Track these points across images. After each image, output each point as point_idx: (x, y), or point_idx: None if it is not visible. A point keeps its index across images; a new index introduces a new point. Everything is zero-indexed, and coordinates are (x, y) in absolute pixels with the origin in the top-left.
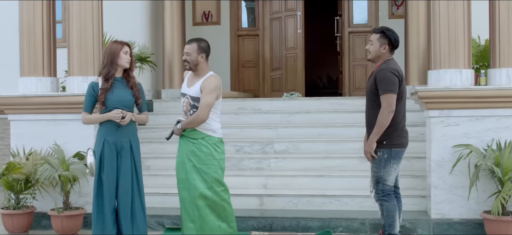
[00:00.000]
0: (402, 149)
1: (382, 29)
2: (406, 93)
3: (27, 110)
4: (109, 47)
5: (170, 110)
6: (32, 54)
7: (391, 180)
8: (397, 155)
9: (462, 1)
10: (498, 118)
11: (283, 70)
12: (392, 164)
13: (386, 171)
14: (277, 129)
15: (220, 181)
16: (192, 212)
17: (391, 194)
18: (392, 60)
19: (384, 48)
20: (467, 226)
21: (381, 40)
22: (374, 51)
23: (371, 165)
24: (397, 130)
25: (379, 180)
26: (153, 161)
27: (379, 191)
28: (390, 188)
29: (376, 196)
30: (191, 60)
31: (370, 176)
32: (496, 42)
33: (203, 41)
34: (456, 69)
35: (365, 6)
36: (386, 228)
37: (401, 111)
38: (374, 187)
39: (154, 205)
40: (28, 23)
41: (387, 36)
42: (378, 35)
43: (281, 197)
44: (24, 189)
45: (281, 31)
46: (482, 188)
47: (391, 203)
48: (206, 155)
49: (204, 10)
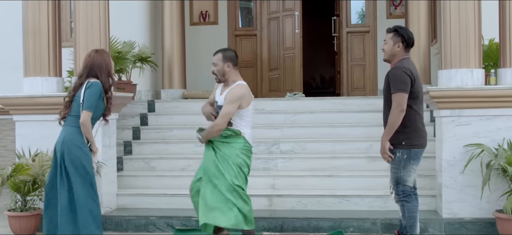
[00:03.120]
0: (421, 149)
1: (395, 27)
2: (423, 92)
3: (33, 111)
4: (103, 59)
5: (173, 111)
6: (38, 53)
7: (411, 181)
8: (416, 156)
9: (473, 0)
10: (509, 118)
11: (281, 70)
12: (411, 165)
13: (405, 172)
14: (282, 129)
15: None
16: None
17: (412, 194)
18: (406, 59)
19: (398, 46)
20: (478, 226)
21: (394, 39)
22: (389, 50)
23: (391, 166)
24: (416, 130)
25: (399, 181)
26: (158, 162)
27: (399, 192)
28: (410, 188)
29: (396, 197)
30: (218, 71)
31: (390, 177)
32: (507, 42)
33: (228, 51)
34: (467, 69)
35: (363, 6)
36: (408, 229)
37: (418, 111)
38: (394, 188)
39: (162, 206)
40: (33, 22)
41: (400, 34)
42: (391, 34)
43: (290, 198)
44: (32, 191)
45: (279, 31)
46: (493, 187)
47: (412, 204)
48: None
49: (201, 10)
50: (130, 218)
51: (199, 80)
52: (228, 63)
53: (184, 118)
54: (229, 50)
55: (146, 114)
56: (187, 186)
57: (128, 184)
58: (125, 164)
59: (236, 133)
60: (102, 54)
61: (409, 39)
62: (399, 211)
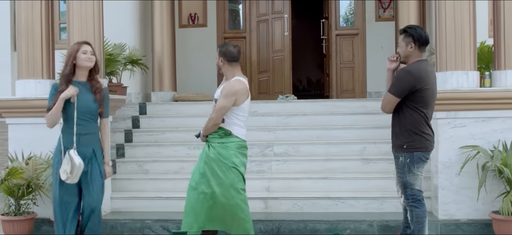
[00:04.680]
0: (425, 152)
1: (405, 28)
2: (434, 97)
3: (26, 114)
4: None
5: (165, 113)
6: (31, 56)
7: (418, 184)
8: (420, 159)
9: (468, 1)
10: (504, 119)
11: (270, 73)
12: (416, 168)
13: (411, 176)
14: (275, 131)
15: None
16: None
17: (421, 199)
18: (421, 62)
19: (411, 46)
20: (474, 227)
21: (406, 40)
22: (402, 52)
23: (396, 171)
24: (419, 134)
25: (407, 185)
26: (151, 165)
27: (408, 197)
28: (419, 192)
29: (406, 202)
30: (217, 65)
31: (396, 181)
32: (501, 44)
33: (224, 45)
34: (463, 71)
35: (352, 8)
36: (415, 233)
37: (425, 115)
38: (402, 193)
39: (157, 210)
40: (26, 24)
41: (410, 34)
42: (402, 35)
43: (285, 200)
44: (26, 195)
45: (268, 34)
46: (489, 188)
47: (421, 210)
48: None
49: (190, 12)
50: (125, 222)
51: (189, 83)
52: (221, 57)
53: (176, 120)
54: (225, 45)
55: (137, 116)
56: (181, 189)
57: (121, 187)
58: (118, 167)
59: (227, 133)
60: (73, 44)
61: (420, 37)
62: (403, 212)
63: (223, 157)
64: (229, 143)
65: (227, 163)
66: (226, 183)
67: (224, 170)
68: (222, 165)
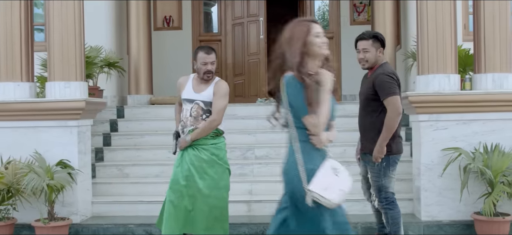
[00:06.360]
0: (399, 155)
1: (371, 34)
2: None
3: (5, 117)
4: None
5: (143, 117)
6: (10, 58)
7: (392, 187)
8: (394, 162)
9: (450, 1)
10: (485, 122)
11: (246, 76)
12: (391, 171)
13: (386, 179)
14: (256, 134)
15: None
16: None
17: (395, 201)
18: (386, 64)
19: (380, 51)
20: (456, 228)
21: (375, 45)
22: (373, 58)
23: (371, 175)
24: (395, 137)
25: (381, 189)
26: (131, 168)
27: (382, 200)
28: (392, 194)
29: (380, 205)
30: (197, 70)
31: (371, 185)
32: (481, 48)
33: (198, 47)
34: (444, 74)
35: (327, 12)
36: (392, 234)
37: None
38: (377, 196)
39: (139, 214)
40: (5, 26)
41: (379, 40)
42: (370, 41)
43: (269, 203)
44: (6, 200)
45: (243, 37)
46: (471, 190)
47: (395, 211)
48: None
49: (165, 15)
50: (107, 226)
51: (165, 86)
52: (194, 60)
53: (154, 124)
54: (199, 47)
55: (115, 120)
56: (163, 193)
57: (102, 191)
58: (98, 171)
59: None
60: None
61: (384, 42)
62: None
63: (218, 158)
64: (220, 143)
65: (222, 164)
66: (220, 185)
67: (219, 172)
68: (217, 166)
